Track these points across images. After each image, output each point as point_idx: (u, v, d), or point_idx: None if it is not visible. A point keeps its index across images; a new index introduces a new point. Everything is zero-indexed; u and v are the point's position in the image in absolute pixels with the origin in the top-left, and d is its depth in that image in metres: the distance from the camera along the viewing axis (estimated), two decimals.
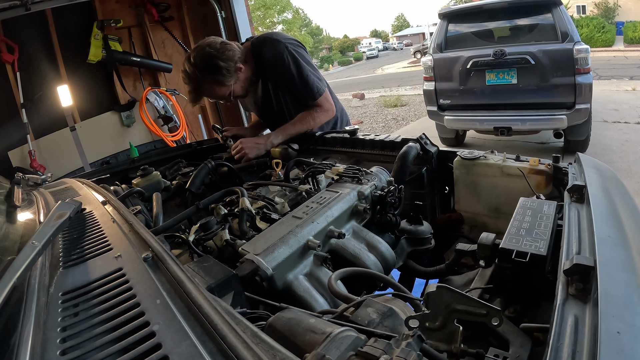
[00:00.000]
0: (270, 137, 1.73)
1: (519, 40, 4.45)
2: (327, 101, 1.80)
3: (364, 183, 1.11)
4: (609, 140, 4.95)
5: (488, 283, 0.82)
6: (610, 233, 0.67)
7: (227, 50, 1.61)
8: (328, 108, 1.81)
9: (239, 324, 0.46)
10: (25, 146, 3.13)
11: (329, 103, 1.81)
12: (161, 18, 3.73)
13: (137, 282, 0.57)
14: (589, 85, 3.97)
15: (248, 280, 0.77)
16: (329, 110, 1.81)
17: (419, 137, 1.39)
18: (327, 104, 1.80)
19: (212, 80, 1.61)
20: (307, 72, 1.73)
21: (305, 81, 1.73)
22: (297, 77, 1.72)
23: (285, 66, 1.70)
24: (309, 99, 1.77)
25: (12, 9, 2.49)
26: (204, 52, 1.58)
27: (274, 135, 1.74)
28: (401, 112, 9.21)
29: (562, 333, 0.49)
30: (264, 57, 1.73)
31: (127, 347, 0.44)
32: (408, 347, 0.46)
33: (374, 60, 36.60)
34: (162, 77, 3.91)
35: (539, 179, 1.15)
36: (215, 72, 1.58)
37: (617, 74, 9.75)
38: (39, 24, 3.14)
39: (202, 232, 0.97)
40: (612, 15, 17.85)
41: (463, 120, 4.71)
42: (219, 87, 1.64)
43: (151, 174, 1.50)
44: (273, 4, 32.61)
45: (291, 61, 1.70)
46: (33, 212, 1.01)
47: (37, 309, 0.54)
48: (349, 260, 0.92)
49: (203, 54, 1.58)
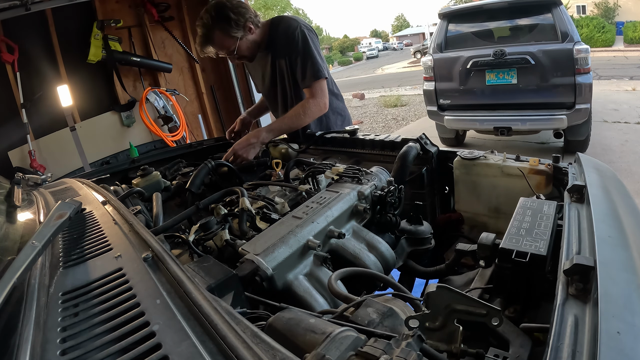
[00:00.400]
0: (261, 134, 1.70)
1: (519, 40, 4.45)
2: (321, 90, 1.77)
3: (364, 183, 1.11)
4: (609, 140, 4.95)
5: (488, 283, 0.82)
6: (610, 233, 0.67)
7: (240, 7, 1.73)
8: (321, 100, 1.76)
9: (239, 324, 0.46)
10: (25, 146, 3.13)
11: (323, 93, 1.78)
12: (161, 18, 3.72)
13: (137, 282, 0.57)
14: (589, 85, 3.97)
15: (248, 280, 0.77)
16: (321, 103, 1.76)
17: (419, 137, 1.39)
18: (320, 94, 1.76)
19: (221, 29, 1.71)
20: (312, 53, 1.76)
21: (306, 60, 1.75)
22: (301, 55, 1.75)
23: (293, 42, 1.75)
24: (307, 80, 1.76)
25: (12, 9, 2.49)
26: (220, 2, 1.72)
27: (265, 131, 1.72)
28: (401, 112, 9.21)
29: (562, 333, 0.49)
30: (277, 31, 1.81)
31: (127, 347, 0.44)
32: (408, 347, 0.46)
33: (374, 60, 36.59)
34: (162, 77, 3.91)
35: (539, 179, 1.15)
36: (225, 20, 1.70)
37: (617, 74, 9.74)
38: (39, 24, 3.14)
39: (202, 232, 0.97)
40: (612, 15, 17.85)
41: (463, 120, 4.71)
42: (225, 37, 1.73)
43: (151, 174, 1.50)
44: (273, 4, 32.63)
45: (300, 39, 1.75)
46: (33, 212, 1.01)
47: (37, 309, 0.54)
48: (349, 260, 0.92)
49: (218, 4, 1.71)
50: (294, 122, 1.75)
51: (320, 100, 1.76)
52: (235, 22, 1.70)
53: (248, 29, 1.74)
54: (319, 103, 1.76)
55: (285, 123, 1.75)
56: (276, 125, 1.75)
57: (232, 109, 4.12)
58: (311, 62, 1.74)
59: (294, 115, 1.74)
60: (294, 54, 1.76)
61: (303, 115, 1.74)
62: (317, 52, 1.78)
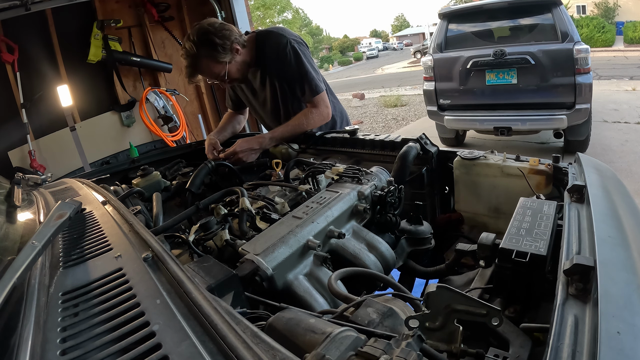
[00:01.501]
0: (264, 140, 1.72)
1: (519, 40, 4.45)
2: (323, 102, 1.80)
3: (364, 183, 1.11)
4: (609, 140, 4.95)
5: (488, 283, 0.82)
6: (610, 233, 0.67)
7: (224, 29, 1.66)
8: (323, 110, 1.80)
9: (239, 324, 0.46)
10: (25, 146, 3.13)
11: (324, 104, 1.81)
12: (161, 18, 3.73)
13: (137, 282, 0.57)
14: (589, 85, 3.97)
15: (248, 280, 0.77)
16: (323, 113, 1.80)
17: (419, 137, 1.39)
18: (322, 105, 1.80)
19: (207, 56, 1.64)
20: (307, 68, 1.75)
21: (303, 77, 1.75)
22: (297, 73, 1.74)
23: (286, 60, 1.73)
24: (306, 96, 1.78)
25: (12, 9, 2.49)
26: (202, 28, 1.64)
27: (269, 138, 1.73)
28: (401, 112, 9.21)
29: (562, 333, 0.49)
30: (266, 48, 1.76)
31: (127, 347, 0.44)
32: (408, 347, 0.46)
33: (374, 60, 36.60)
34: (162, 77, 3.91)
35: (539, 179, 1.15)
36: (210, 46, 1.63)
37: (617, 74, 9.75)
38: (39, 24, 3.14)
39: (202, 232, 0.97)
40: (612, 15, 17.85)
41: (463, 120, 4.71)
42: (213, 64, 1.67)
43: (151, 174, 1.50)
44: (273, 4, 32.60)
45: (292, 56, 1.73)
46: (33, 212, 1.01)
47: (37, 309, 0.54)
48: (349, 260, 0.92)
49: (200, 30, 1.63)
50: (296, 130, 1.76)
51: (322, 110, 1.79)
52: (221, 47, 1.63)
53: (235, 50, 1.68)
54: (322, 113, 1.80)
55: (288, 131, 1.76)
56: (279, 133, 1.76)
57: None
58: (308, 79, 1.75)
59: (297, 124, 1.76)
60: (289, 72, 1.75)
61: (306, 124, 1.77)
62: (310, 67, 1.78)
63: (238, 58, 1.72)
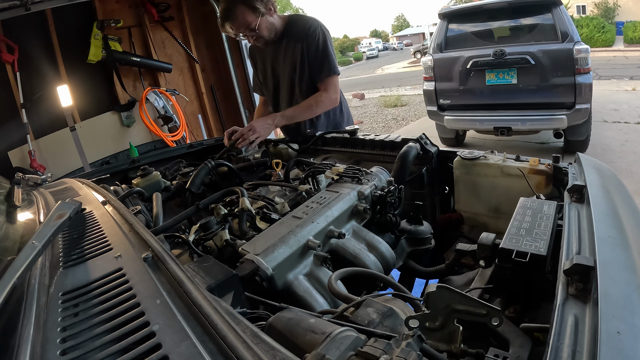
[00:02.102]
0: (276, 117, 1.81)
1: (519, 40, 4.45)
2: (334, 86, 1.89)
3: (364, 183, 1.11)
4: (609, 140, 4.95)
5: (488, 283, 0.82)
6: (610, 233, 0.67)
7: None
8: (332, 95, 1.88)
9: (239, 324, 0.46)
10: (25, 146, 3.12)
11: (335, 89, 1.89)
12: (161, 18, 3.72)
13: (137, 282, 0.57)
14: (589, 85, 3.97)
15: (248, 280, 0.77)
16: (332, 97, 1.88)
17: (419, 137, 1.39)
18: (332, 90, 1.88)
19: (244, 2, 1.72)
20: (330, 50, 1.86)
21: (325, 56, 1.84)
22: (321, 51, 1.84)
23: (314, 38, 1.83)
24: (324, 74, 1.86)
25: (12, 9, 2.49)
26: None
27: (280, 116, 1.82)
28: (401, 112, 9.20)
29: (562, 333, 0.49)
30: (298, 24, 1.88)
31: (127, 347, 0.44)
32: (408, 347, 0.46)
33: (374, 60, 36.59)
34: (162, 77, 3.90)
35: (539, 179, 1.15)
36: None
37: (617, 74, 9.74)
38: (39, 24, 3.14)
39: (202, 232, 0.97)
40: (612, 15, 17.86)
41: (463, 120, 4.71)
42: (248, 12, 1.74)
43: (151, 174, 1.50)
44: None
45: (320, 36, 1.84)
46: (33, 212, 1.01)
47: (37, 309, 0.54)
48: (349, 260, 0.92)
49: None
50: (305, 112, 1.86)
51: (332, 95, 1.88)
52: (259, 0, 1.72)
53: (270, 10, 1.78)
54: (331, 97, 1.88)
55: (298, 112, 1.85)
56: (289, 113, 1.85)
57: (232, 109, 4.12)
58: (329, 59, 1.85)
59: (307, 106, 1.85)
60: (313, 49, 1.84)
61: (315, 106, 1.86)
62: (333, 53, 1.89)
63: (270, 19, 1.81)
